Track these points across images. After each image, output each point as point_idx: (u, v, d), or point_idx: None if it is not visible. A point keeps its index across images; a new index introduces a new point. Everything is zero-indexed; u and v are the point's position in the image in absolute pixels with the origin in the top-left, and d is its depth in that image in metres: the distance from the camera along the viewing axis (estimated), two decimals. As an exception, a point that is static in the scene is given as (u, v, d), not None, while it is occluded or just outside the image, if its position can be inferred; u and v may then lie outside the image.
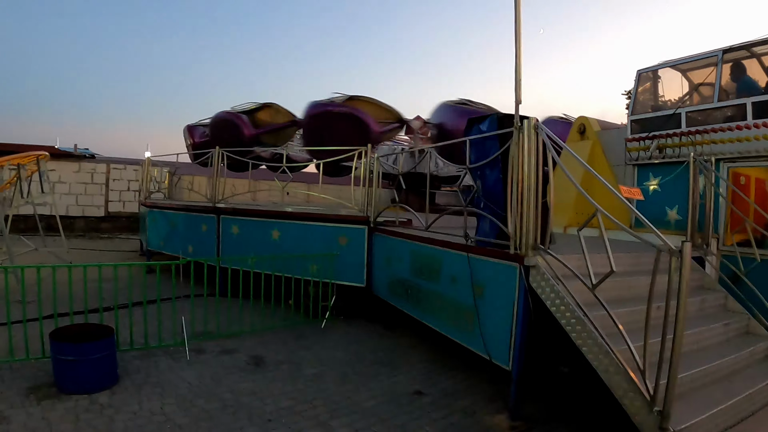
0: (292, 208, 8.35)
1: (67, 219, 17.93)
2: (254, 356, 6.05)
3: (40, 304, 5.76)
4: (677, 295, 3.37)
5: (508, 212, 4.85)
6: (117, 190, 19.64)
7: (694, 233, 6.08)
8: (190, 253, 9.60)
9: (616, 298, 4.85)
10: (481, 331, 5.15)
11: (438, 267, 5.95)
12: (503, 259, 4.91)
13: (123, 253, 14.29)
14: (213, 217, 9.01)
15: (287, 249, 8.04)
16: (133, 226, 18.85)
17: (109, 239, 17.89)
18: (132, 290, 6.42)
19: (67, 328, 5.21)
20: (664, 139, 6.92)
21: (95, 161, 19.90)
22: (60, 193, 18.15)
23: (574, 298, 4.25)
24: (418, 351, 6.53)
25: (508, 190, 4.85)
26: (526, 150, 4.63)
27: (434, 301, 5.99)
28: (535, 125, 4.62)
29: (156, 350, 6.02)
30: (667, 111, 7.05)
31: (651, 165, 7.12)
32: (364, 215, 7.62)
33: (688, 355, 4.22)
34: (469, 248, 5.39)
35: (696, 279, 5.77)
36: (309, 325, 7.36)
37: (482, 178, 5.41)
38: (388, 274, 7.17)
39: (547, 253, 4.55)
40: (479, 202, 5.47)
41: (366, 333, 7.22)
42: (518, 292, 4.74)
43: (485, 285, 5.16)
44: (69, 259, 10.88)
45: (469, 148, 5.54)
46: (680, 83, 7.58)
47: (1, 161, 8.89)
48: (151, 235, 11.37)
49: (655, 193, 7.13)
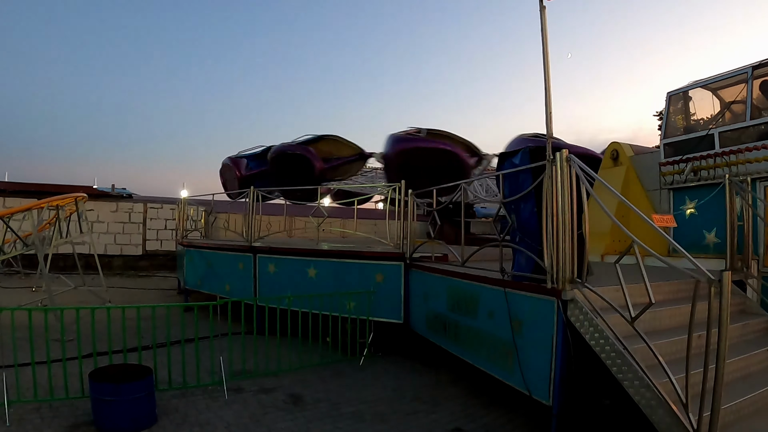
0: (328, 245, 8.43)
1: (105, 258, 18.40)
2: (292, 395, 6.07)
3: (79, 342, 5.87)
4: (718, 324, 3.31)
5: (544, 246, 4.82)
6: (154, 228, 20.16)
7: (734, 256, 5.95)
8: (228, 292, 9.74)
9: (656, 327, 4.78)
10: (520, 367, 5.10)
11: (475, 302, 5.93)
12: (540, 293, 4.88)
13: (161, 292, 14.54)
14: (249, 256, 9.13)
15: (324, 286, 8.09)
16: (170, 264, 19.19)
17: (147, 277, 18.23)
18: (170, 329, 6.54)
19: (106, 368, 5.33)
20: (698, 161, 6.81)
21: (132, 201, 20.54)
22: (98, 233, 18.76)
23: (613, 331, 4.20)
24: (457, 387, 6.46)
25: (543, 223, 4.84)
26: (560, 183, 4.63)
27: (472, 336, 5.95)
28: (567, 158, 4.62)
29: (194, 389, 6.09)
30: (700, 132, 6.95)
31: (686, 188, 7.01)
32: (400, 251, 7.65)
33: (730, 384, 4.16)
34: (506, 283, 5.37)
35: (737, 303, 5.63)
36: (347, 363, 7.35)
37: (517, 212, 5.40)
38: (425, 309, 7.16)
39: (584, 287, 4.50)
40: (515, 236, 5.45)
41: (404, 370, 7.17)
42: (556, 326, 4.70)
43: (523, 320, 5.11)
44: (107, 298, 11.22)
45: (503, 182, 5.54)
46: (711, 103, 7.48)
47: (41, 203, 9.21)
48: (189, 274, 11.55)
49: (692, 216, 7.00)
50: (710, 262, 6.52)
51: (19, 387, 5.41)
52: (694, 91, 7.45)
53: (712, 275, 3.42)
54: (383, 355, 7.74)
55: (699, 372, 3.43)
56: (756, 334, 5.30)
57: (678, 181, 7.02)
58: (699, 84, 7.35)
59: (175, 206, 18.43)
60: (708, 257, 6.64)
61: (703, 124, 7.25)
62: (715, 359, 3.30)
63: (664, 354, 4.36)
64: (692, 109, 7.69)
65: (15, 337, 5.49)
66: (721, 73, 7.15)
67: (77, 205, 10.43)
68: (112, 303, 11.10)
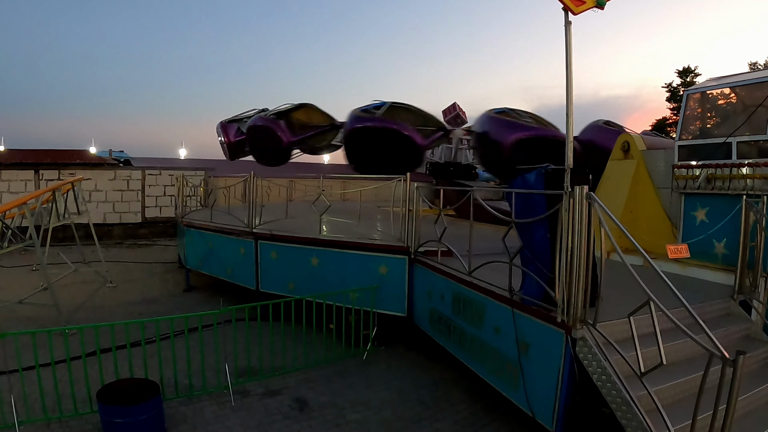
0: (328, 234, 8.32)
1: (104, 227, 18.53)
2: (298, 399, 6.16)
3: (82, 342, 5.78)
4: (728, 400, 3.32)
5: (556, 277, 4.76)
6: (153, 195, 19.93)
7: (744, 275, 5.90)
8: (229, 275, 9.77)
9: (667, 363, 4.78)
10: (525, 387, 5.15)
11: (481, 313, 5.91)
12: (550, 322, 4.85)
13: (162, 266, 14.42)
14: (251, 242, 9.07)
15: (327, 275, 8.08)
16: (170, 231, 19.04)
17: (147, 246, 18.18)
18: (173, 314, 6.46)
19: (113, 384, 5.35)
20: (714, 170, 6.65)
21: (131, 168, 20.33)
22: (97, 201, 18.60)
23: (620, 379, 4.21)
24: (461, 388, 6.57)
25: (557, 254, 4.74)
26: (577, 220, 4.50)
27: (477, 346, 5.97)
28: (587, 195, 4.47)
29: (200, 395, 6.14)
30: (717, 139, 6.74)
31: (699, 194, 6.87)
32: (405, 245, 7.56)
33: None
34: (514, 303, 5.33)
35: (741, 330, 5.67)
36: (351, 358, 7.42)
37: (528, 234, 5.27)
38: (429, 307, 7.16)
39: (595, 329, 4.47)
40: (525, 255, 5.35)
41: (408, 366, 7.27)
42: (564, 358, 4.70)
43: (530, 343, 5.12)
44: (108, 278, 11.39)
45: (514, 199, 5.39)
46: (732, 106, 7.23)
47: (36, 194, 9.06)
48: (189, 254, 11.47)
49: (702, 223, 6.90)
50: (718, 274, 6.51)
51: (26, 397, 5.43)
52: (714, 92, 7.18)
53: (726, 353, 3.35)
54: (387, 348, 7.83)
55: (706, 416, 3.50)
56: (758, 365, 5.30)
57: (691, 186, 6.87)
58: (720, 85, 7.07)
59: (174, 172, 18.26)
60: (716, 267, 6.61)
61: (722, 129, 7.02)
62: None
63: (672, 394, 4.44)
64: (711, 111, 7.45)
65: (18, 346, 5.48)
66: (745, 75, 6.87)
67: (74, 187, 10.35)
68: (113, 283, 11.19)
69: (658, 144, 8.59)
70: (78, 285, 11.20)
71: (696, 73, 41.31)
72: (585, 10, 4.88)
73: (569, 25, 4.82)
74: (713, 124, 7.45)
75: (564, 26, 4.83)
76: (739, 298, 5.90)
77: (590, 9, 4.93)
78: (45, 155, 19.27)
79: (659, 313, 3.84)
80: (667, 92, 42.22)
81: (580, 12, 4.83)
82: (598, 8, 4.99)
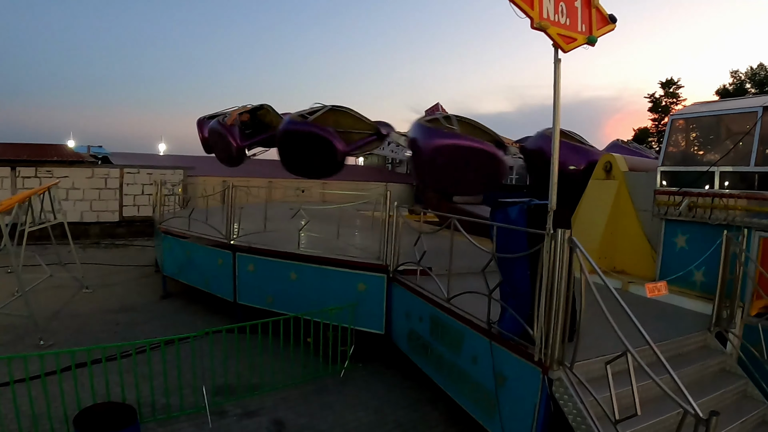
0: (309, 251, 8.24)
1: (81, 225, 18.20)
2: (275, 420, 6.14)
3: (58, 360, 5.72)
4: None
5: (534, 316, 4.75)
6: (131, 194, 19.61)
7: (722, 308, 5.96)
8: (206, 285, 9.72)
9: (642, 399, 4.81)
10: (501, 419, 5.17)
11: (459, 341, 5.92)
12: (527, 359, 4.86)
13: (139, 270, 14.21)
14: (229, 254, 9.00)
15: (305, 290, 8.06)
16: (148, 230, 18.75)
17: (124, 247, 17.96)
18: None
19: (90, 408, 5.23)
20: (695, 198, 6.67)
21: (109, 166, 20.04)
22: (74, 200, 18.29)
23: (595, 422, 4.24)
24: (438, 409, 6.59)
25: (536, 293, 4.74)
26: (557, 264, 4.48)
27: (455, 372, 5.98)
28: (570, 239, 4.44)
29: (178, 416, 6.08)
30: (700, 168, 6.76)
31: (680, 221, 6.90)
32: (383, 263, 7.53)
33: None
34: (493, 336, 5.33)
35: (717, 363, 5.72)
36: (329, 375, 7.39)
37: (508, 268, 5.25)
38: (407, 327, 7.16)
39: (571, 372, 4.49)
40: (504, 289, 5.33)
41: (385, 385, 7.27)
42: (541, 395, 4.73)
43: (508, 377, 5.14)
44: (84, 284, 11.30)
45: (496, 233, 5.34)
46: (716, 134, 7.25)
47: (11, 203, 8.89)
48: (167, 261, 11.33)
49: (682, 250, 6.94)
50: (697, 303, 6.58)
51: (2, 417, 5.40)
52: (699, 119, 7.18)
53: (700, 411, 3.40)
54: (364, 364, 7.81)
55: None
56: (732, 399, 5.38)
57: (672, 213, 6.90)
58: (705, 112, 7.07)
59: (152, 171, 17.96)
60: (694, 295, 6.68)
61: (705, 157, 7.04)
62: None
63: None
64: (695, 138, 7.46)
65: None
66: (731, 103, 6.88)
67: (50, 191, 10.19)
68: (89, 288, 11.03)
69: (640, 165, 8.59)
70: (54, 290, 11.05)
71: (678, 84, 41.91)
72: (575, 48, 4.85)
73: (558, 62, 4.76)
74: (697, 150, 7.47)
75: (553, 63, 4.77)
76: (716, 330, 5.97)
77: (581, 46, 4.90)
78: (22, 150, 18.97)
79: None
80: (650, 102, 42.78)
81: (570, 49, 4.79)
82: (589, 45, 4.95)
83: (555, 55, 4.75)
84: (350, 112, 11.96)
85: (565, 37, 4.71)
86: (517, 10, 4.44)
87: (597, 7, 5.01)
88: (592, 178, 8.57)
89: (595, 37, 4.93)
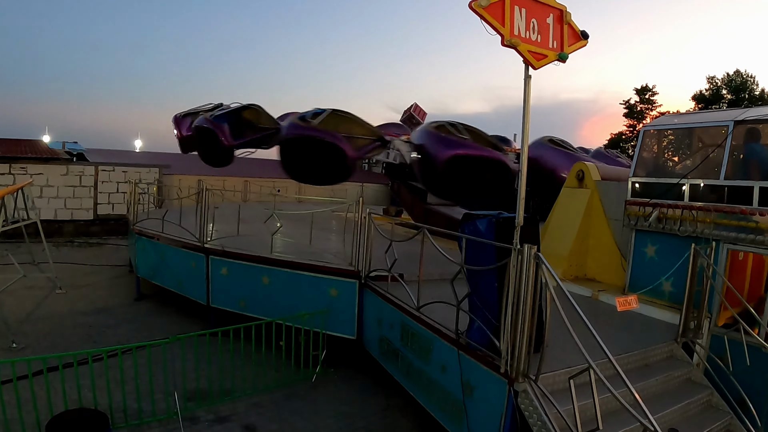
0: (281, 255, 8.24)
1: (55, 223, 17.99)
2: (247, 426, 6.16)
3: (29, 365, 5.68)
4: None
5: (501, 328, 4.80)
6: (106, 192, 19.33)
7: (689, 319, 6.06)
8: (180, 288, 9.67)
9: (606, 411, 4.89)
10: (469, 428, 5.22)
11: (428, 349, 5.96)
12: (494, 370, 4.92)
13: (112, 270, 14.04)
14: (202, 257, 8.96)
15: (278, 294, 8.07)
16: (122, 229, 18.41)
17: (98, 245, 17.69)
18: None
19: (62, 416, 5.23)
20: (665, 209, 6.78)
21: (84, 163, 19.72)
22: (48, 197, 18.03)
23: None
24: (408, 416, 6.65)
25: (503, 306, 4.79)
26: (524, 278, 4.53)
27: (424, 380, 6.03)
28: (536, 255, 4.49)
29: (150, 423, 6.05)
30: (670, 180, 6.86)
31: (650, 232, 7.00)
32: (355, 269, 7.54)
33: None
34: (461, 346, 5.38)
35: (683, 374, 5.82)
36: (300, 381, 7.40)
37: (476, 280, 5.30)
38: (378, 333, 7.19)
39: (536, 384, 4.55)
40: (472, 301, 5.38)
41: (356, 390, 7.30)
42: (506, 406, 4.78)
43: (475, 387, 5.19)
44: (58, 284, 11.21)
45: (465, 244, 5.38)
46: (687, 146, 7.36)
47: None
48: (140, 262, 11.21)
49: (651, 260, 7.06)
50: (664, 312, 6.68)
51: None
52: (671, 132, 7.28)
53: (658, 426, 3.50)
54: (336, 369, 7.83)
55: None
56: (697, 409, 5.47)
57: (642, 223, 7.00)
58: (677, 125, 7.19)
59: (127, 169, 17.71)
60: (663, 305, 6.79)
61: (676, 169, 7.15)
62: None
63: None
64: (666, 149, 7.56)
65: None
66: (702, 116, 6.98)
67: (23, 191, 10.06)
68: (62, 289, 10.91)
69: (612, 174, 8.68)
70: (26, 291, 10.93)
71: (654, 91, 42.56)
72: (546, 65, 4.89)
73: (529, 78, 4.79)
74: (667, 162, 7.58)
75: (524, 80, 4.81)
76: (682, 340, 6.07)
77: (551, 63, 4.94)
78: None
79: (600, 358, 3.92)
80: (625, 108, 43.41)
81: (540, 66, 4.82)
82: (560, 61, 4.99)
83: (525, 72, 4.78)
84: (352, 118, 11.92)
85: (535, 53, 4.74)
86: (488, 26, 4.46)
87: (569, 23, 5.04)
88: (564, 186, 8.66)
89: (566, 54, 4.97)
